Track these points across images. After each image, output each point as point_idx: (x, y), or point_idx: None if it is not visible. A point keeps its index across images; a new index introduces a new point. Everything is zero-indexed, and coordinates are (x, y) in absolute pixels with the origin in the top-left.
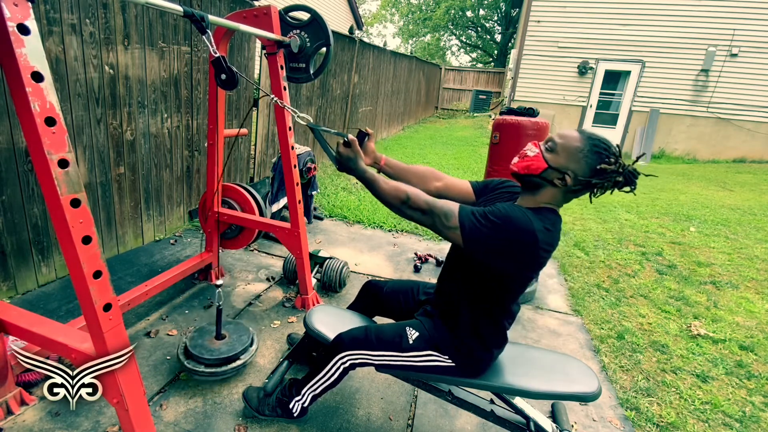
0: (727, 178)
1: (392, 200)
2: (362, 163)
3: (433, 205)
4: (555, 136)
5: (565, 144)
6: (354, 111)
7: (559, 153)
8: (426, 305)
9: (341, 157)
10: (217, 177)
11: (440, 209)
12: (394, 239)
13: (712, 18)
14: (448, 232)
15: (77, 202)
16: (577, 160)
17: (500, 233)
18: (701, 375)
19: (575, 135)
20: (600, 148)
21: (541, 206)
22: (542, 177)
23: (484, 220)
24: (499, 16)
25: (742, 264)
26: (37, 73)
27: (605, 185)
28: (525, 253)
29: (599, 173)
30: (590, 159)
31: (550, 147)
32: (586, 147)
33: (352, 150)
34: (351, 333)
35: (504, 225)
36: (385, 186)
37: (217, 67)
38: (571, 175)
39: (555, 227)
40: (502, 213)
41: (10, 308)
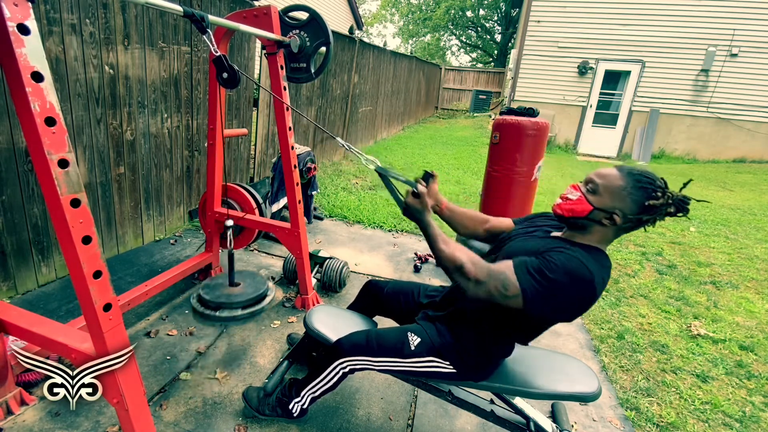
0: (727, 178)
1: (447, 264)
2: (429, 216)
3: (489, 276)
4: (594, 176)
5: (607, 184)
6: (354, 111)
7: (602, 194)
8: (428, 309)
9: (409, 207)
10: (217, 177)
11: (497, 278)
12: (394, 239)
13: (712, 18)
14: (508, 301)
15: (77, 202)
16: (622, 198)
17: (561, 289)
18: (701, 375)
19: (615, 173)
20: (644, 183)
21: (591, 245)
22: (589, 219)
23: (543, 278)
24: (499, 16)
25: (742, 264)
26: (37, 73)
27: (657, 219)
28: (583, 305)
29: (648, 209)
30: (636, 196)
31: (591, 189)
32: (629, 184)
33: (420, 202)
34: (351, 338)
35: (564, 281)
36: (443, 247)
37: (219, 65)
38: (619, 214)
39: (608, 275)
40: (560, 268)
41: (10, 308)
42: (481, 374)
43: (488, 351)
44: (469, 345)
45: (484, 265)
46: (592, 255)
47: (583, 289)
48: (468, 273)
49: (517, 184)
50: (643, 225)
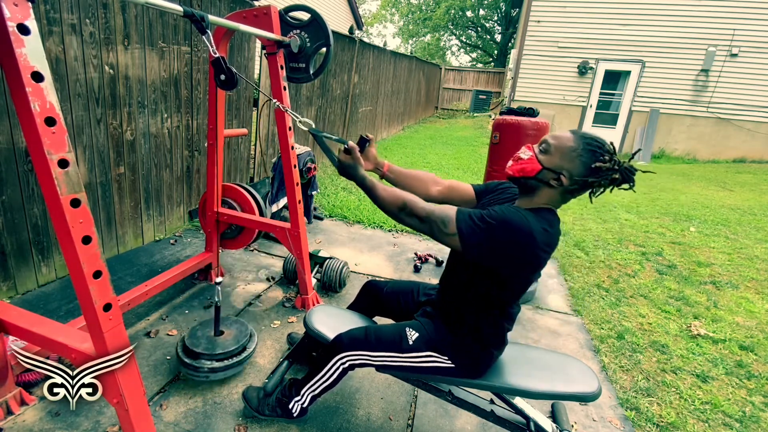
0: (727, 178)
1: (390, 207)
2: (362, 170)
3: (431, 212)
4: (548, 137)
5: (559, 144)
6: (354, 111)
7: (553, 154)
8: (426, 306)
9: (342, 163)
10: (216, 177)
11: (438, 216)
12: (394, 239)
13: (712, 18)
14: (447, 239)
15: (77, 202)
16: (571, 159)
17: (498, 235)
18: (701, 375)
19: (568, 135)
20: (594, 147)
21: (539, 207)
22: (538, 179)
23: (482, 223)
24: (499, 16)
25: (742, 264)
26: (37, 73)
27: (602, 183)
28: (524, 254)
29: (595, 172)
30: (585, 158)
31: (543, 148)
32: (580, 146)
33: (352, 157)
34: (350, 333)
35: (501, 226)
36: (383, 193)
37: (217, 67)
38: (566, 174)
39: (553, 227)
40: (498, 215)
41: (10, 308)
42: (480, 369)
43: (482, 337)
44: (464, 335)
45: (426, 205)
46: (536, 213)
47: (519, 235)
48: (412, 210)
49: None
50: (589, 188)
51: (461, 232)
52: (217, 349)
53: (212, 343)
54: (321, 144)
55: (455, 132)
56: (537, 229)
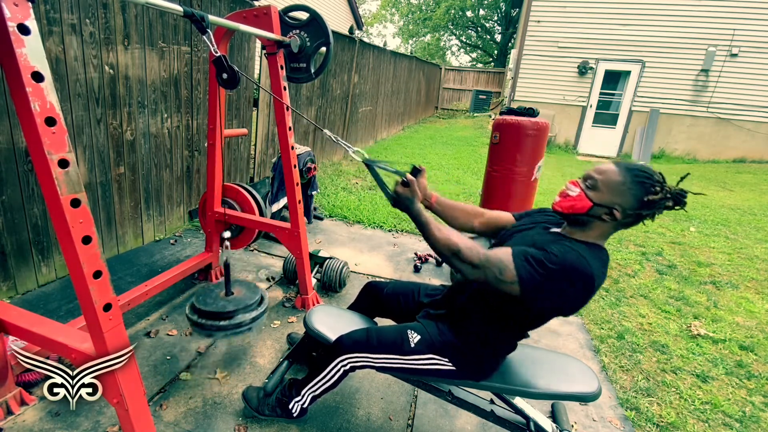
0: (727, 178)
1: (443, 249)
2: (418, 205)
3: (486, 260)
4: (593, 172)
5: (605, 179)
6: (354, 111)
7: (601, 189)
8: (428, 308)
9: (398, 196)
10: (217, 177)
11: (494, 263)
12: (394, 239)
13: (712, 18)
14: (504, 286)
15: (77, 202)
16: (621, 194)
17: (559, 281)
18: (701, 375)
19: (613, 169)
20: (642, 178)
21: (591, 242)
22: (589, 215)
23: (542, 268)
24: (499, 16)
25: (742, 264)
26: (37, 73)
27: (656, 213)
28: (581, 298)
29: (648, 204)
30: (635, 191)
31: (591, 185)
32: (628, 180)
33: (410, 190)
34: (352, 335)
35: (563, 272)
36: (437, 233)
37: (219, 66)
38: (619, 209)
39: (606, 268)
40: (560, 260)
41: (10, 308)
42: (483, 373)
43: (492, 347)
44: (472, 342)
45: (481, 250)
46: (591, 250)
47: (580, 281)
48: (465, 257)
49: (517, 184)
50: (643, 219)
51: (521, 278)
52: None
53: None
54: (374, 174)
55: (455, 132)
56: (597, 273)
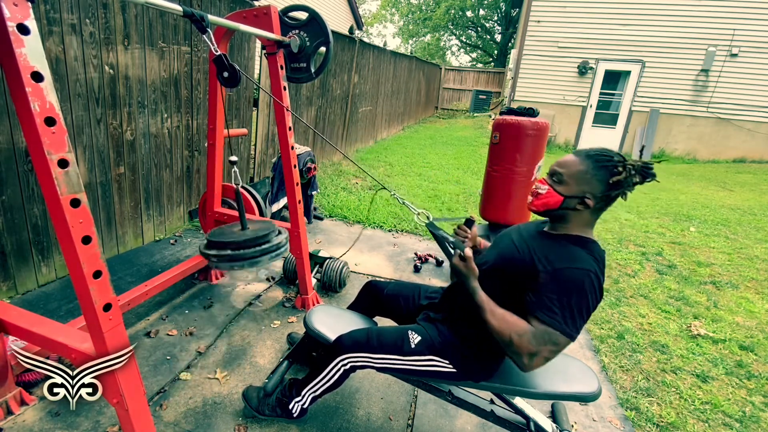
0: (727, 178)
1: (496, 335)
2: (474, 282)
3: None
4: (556, 167)
5: (569, 172)
6: (354, 111)
7: (568, 182)
8: (428, 310)
9: (456, 269)
10: (217, 177)
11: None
12: (394, 239)
13: (712, 18)
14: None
15: (77, 202)
16: (587, 181)
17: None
18: (701, 375)
19: (574, 159)
20: (603, 162)
21: (577, 234)
22: (564, 208)
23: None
24: (499, 16)
25: (742, 264)
26: (37, 73)
27: (626, 191)
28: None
29: (615, 185)
30: (600, 176)
31: (557, 179)
32: (590, 167)
33: (466, 266)
34: (352, 335)
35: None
36: (491, 320)
37: (219, 65)
38: (590, 197)
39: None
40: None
41: (10, 308)
42: (484, 374)
43: (491, 350)
44: (471, 344)
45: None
46: (585, 249)
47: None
48: (519, 348)
49: (517, 184)
50: (615, 199)
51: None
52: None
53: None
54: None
55: (455, 132)
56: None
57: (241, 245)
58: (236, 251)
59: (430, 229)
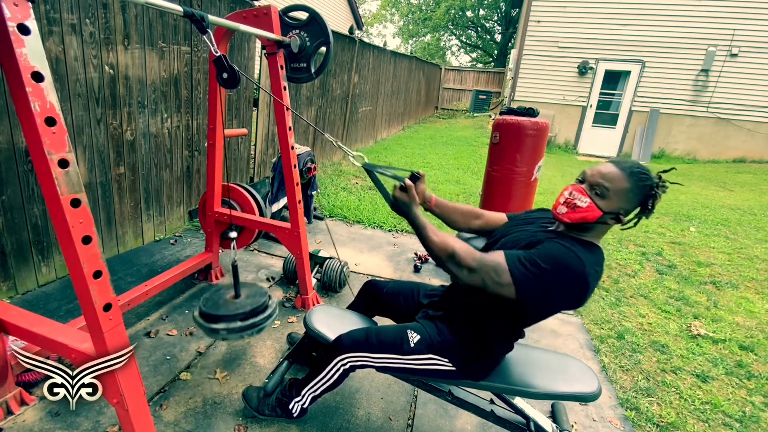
0: (727, 178)
1: (439, 254)
2: (416, 209)
3: (481, 263)
4: (600, 179)
5: (615, 188)
6: (354, 111)
7: (611, 198)
8: (428, 308)
9: (397, 201)
10: (217, 177)
11: (489, 266)
12: (394, 239)
13: (712, 18)
14: (501, 289)
15: (77, 202)
16: (628, 200)
17: (552, 279)
18: (701, 375)
19: (620, 175)
20: (644, 181)
21: (587, 240)
22: (599, 222)
23: (534, 267)
24: (499, 16)
25: (742, 264)
26: (37, 73)
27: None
28: (576, 295)
29: (645, 204)
30: (639, 195)
31: (600, 192)
32: (634, 185)
33: (408, 195)
34: (351, 335)
35: (555, 270)
36: (433, 237)
37: (219, 66)
38: (623, 214)
39: (601, 267)
40: (550, 257)
41: (10, 308)
42: (482, 372)
43: (490, 347)
44: (471, 342)
45: (476, 254)
46: (585, 248)
47: (574, 279)
48: (461, 261)
49: (517, 184)
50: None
51: (516, 280)
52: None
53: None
54: (373, 178)
55: (455, 132)
56: (590, 271)
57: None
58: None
59: (366, 168)
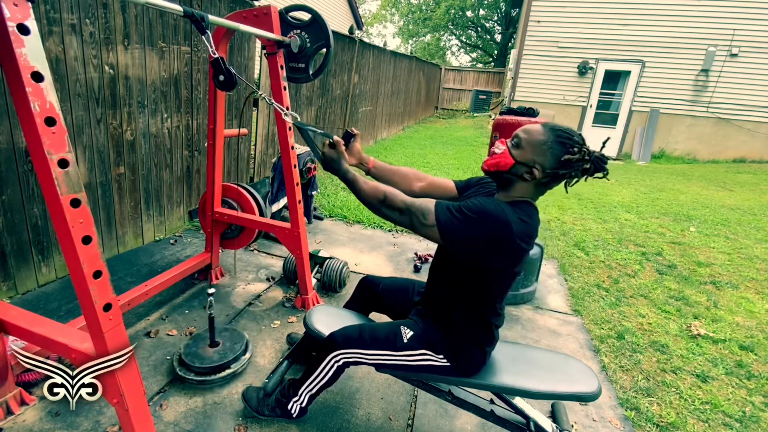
0: (727, 178)
1: (371, 200)
2: (345, 164)
3: (411, 204)
4: (520, 131)
5: (530, 138)
6: (354, 111)
7: (524, 148)
8: (419, 305)
9: (325, 157)
10: (216, 177)
11: (417, 208)
12: (394, 239)
13: (712, 18)
14: (426, 230)
15: (77, 202)
16: (542, 152)
17: (475, 225)
18: (701, 375)
19: (539, 128)
20: (563, 138)
21: (515, 199)
22: (511, 173)
23: (459, 214)
24: (499, 16)
25: (742, 264)
26: (37, 73)
27: (573, 174)
28: (502, 244)
29: (565, 164)
30: (555, 150)
31: (516, 143)
32: (550, 139)
33: (336, 151)
34: (344, 331)
35: (478, 217)
36: (364, 186)
37: (216, 68)
38: (538, 168)
39: (531, 218)
40: (476, 206)
41: (10, 308)
42: (474, 366)
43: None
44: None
45: (407, 198)
46: (516, 206)
47: (496, 225)
48: (391, 203)
49: None
50: (561, 179)
51: (440, 222)
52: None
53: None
54: (306, 137)
55: (455, 132)
56: (514, 219)
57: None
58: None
59: (297, 125)
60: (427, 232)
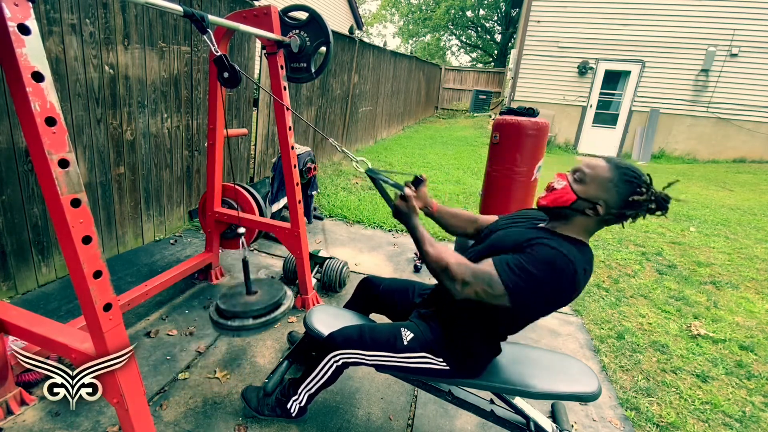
0: (727, 178)
1: (434, 266)
2: (415, 220)
3: (472, 275)
4: (583, 165)
5: (594, 174)
6: (354, 111)
7: (588, 184)
8: (420, 308)
9: (397, 209)
10: (217, 177)
11: (481, 277)
12: (394, 239)
13: (712, 18)
14: (495, 300)
15: (77, 202)
16: (607, 190)
17: (543, 284)
18: (701, 375)
19: (604, 165)
20: (630, 178)
21: (573, 237)
22: (572, 208)
23: (524, 273)
24: (499, 16)
25: (742, 264)
26: (38, 73)
27: (638, 215)
28: (563, 297)
29: (631, 204)
30: (621, 189)
31: (578, 177)
32: (616, 177)
33: (407, 205)
34: (344, 332)
35: (546, 276)
36: (429, 249)
37: (220, 65)
38: (602, 205)
39: (591, 266)
40: (541, 261)
41: (10, 308)
42: (475, 370)
43: (480, 344)
44: (461, 340)
45: (469, 266)
46: (574, 245)
47: (564, 280)
48: (454, 274)
49: (517, 184)
50: (624, 220)
51: (509, 289)
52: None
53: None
54: (377, 186)
55: (455, 132)
56: (580, 271)
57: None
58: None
59: (369, 174)
60: (495, 301)
